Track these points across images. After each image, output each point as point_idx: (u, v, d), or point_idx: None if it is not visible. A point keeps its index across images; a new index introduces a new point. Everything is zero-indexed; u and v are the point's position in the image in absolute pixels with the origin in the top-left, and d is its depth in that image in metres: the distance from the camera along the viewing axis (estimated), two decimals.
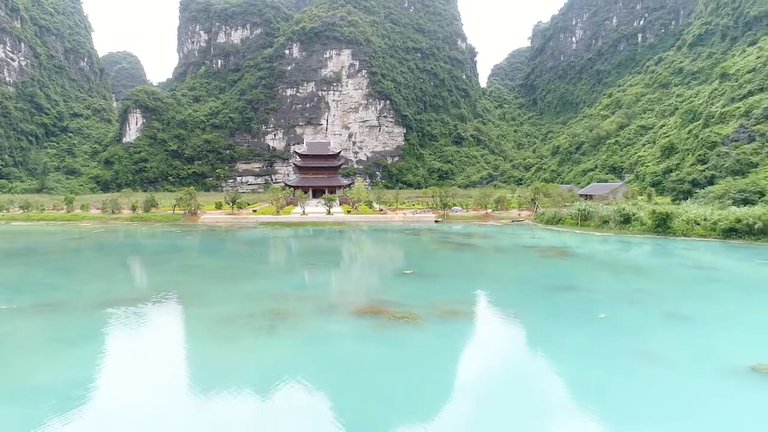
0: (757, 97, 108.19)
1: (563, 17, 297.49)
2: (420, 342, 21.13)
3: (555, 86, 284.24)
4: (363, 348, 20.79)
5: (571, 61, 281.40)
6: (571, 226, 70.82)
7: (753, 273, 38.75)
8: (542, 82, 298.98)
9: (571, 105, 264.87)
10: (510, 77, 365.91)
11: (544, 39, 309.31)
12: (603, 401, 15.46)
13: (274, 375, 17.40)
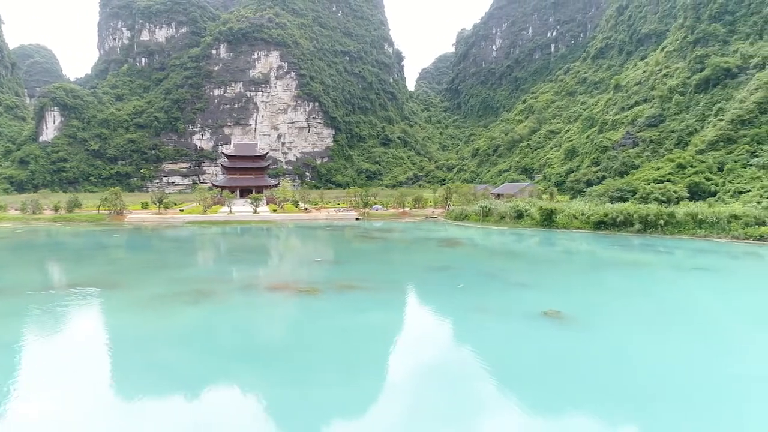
0: (641, 107, 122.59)
1: (484, 26, 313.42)
2: (316, 306, 27.32)
3: (477, 91, 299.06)
4: (270, 311, 26.72)
5: (492, 67, 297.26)
6: (475, 222, 79.32)
7: (601, 254, 47.95)
8: (466, 86, 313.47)
9: (492, 109, 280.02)
10: (437, 81, 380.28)
11: (467, 46, 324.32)
12: (443, 337, 22.32)
13: (195, 331, 22.98)
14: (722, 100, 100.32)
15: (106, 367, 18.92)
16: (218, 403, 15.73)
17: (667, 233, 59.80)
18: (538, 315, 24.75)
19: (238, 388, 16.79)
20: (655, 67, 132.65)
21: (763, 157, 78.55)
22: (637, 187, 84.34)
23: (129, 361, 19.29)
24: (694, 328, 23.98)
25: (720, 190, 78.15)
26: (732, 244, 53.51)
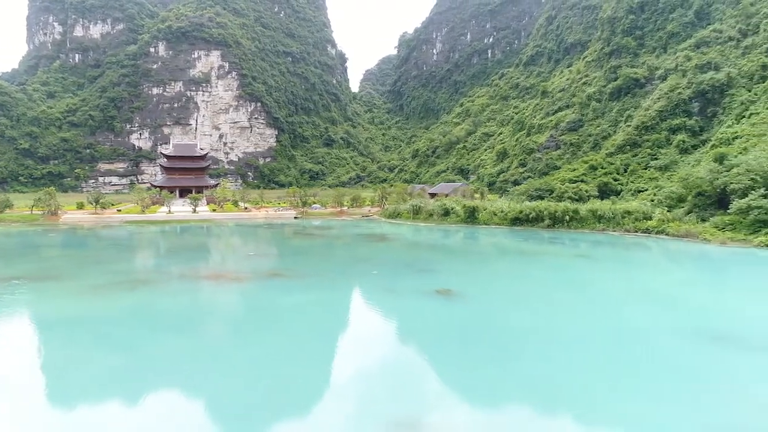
0: (564, 112, 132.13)
1: (425, 30, 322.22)
2: (243, 290, 31.19)
3: (419, 93, 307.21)
4: (200, 296, 30.37)
5: (433, 71, 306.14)
6: (406, 219, 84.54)
7: (507, 245, 53.99)
8: (408, 89, 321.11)
9: (432, 111, 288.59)
10: (380, 82, 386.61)
11: (409, 49, 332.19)
12: (352, 310, 26.74)
13: (133, 310, 26.42)
14: (631, 107, 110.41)
15: (51, 342, 22.18)
16: (152, 368, 19.46)
17: (572, 228, 67.00)
18: (432, 292, 29.66)
19: (168, 354, 20.53)
20: (576, 76, 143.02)
21: (661, 159, 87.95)
22: (554, 186, 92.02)
23: (74, 335, 22.59)
24: (554, 301, 29.54)
25: (624, 189, 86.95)
26: (623, 236, 61.02)
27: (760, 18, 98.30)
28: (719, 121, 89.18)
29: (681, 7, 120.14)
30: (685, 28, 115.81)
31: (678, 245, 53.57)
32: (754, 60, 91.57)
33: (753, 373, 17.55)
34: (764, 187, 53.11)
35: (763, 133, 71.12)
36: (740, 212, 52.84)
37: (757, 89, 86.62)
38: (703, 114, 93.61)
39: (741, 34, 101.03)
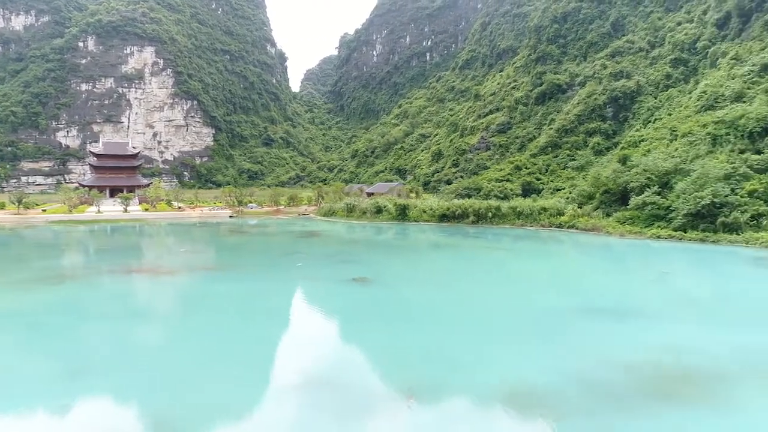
0: (494, 115, 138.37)
1: (366, 32, 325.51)
2: (172, 282, 32.61)
3: (359, 94, 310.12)
4: (129, 287, 31.58)
5: (373, 72, 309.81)
6: (341, 217, 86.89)
7: (430, 239, 57.45)
8: (348, 89, 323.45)
9: (373, 112, 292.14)
10: (322, 82, 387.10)
11: (350, 50, 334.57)
12: (274, 296, 28.79)
13: (59, 301, 27.42)
14: (554, 111, 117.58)
15: None
16: (77, 352, 20.90)
17: (495, 224, 71.51)
18: (350, 280, 32.19)
19: (94, 339, 21.98)
20: (506, 80, 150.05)
21: (577, 160, 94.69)
22: (482, 185, 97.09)
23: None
24: (464, 286, 32.78)
25: (544, 188, 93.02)
26: (539, 231, 65.96)
27: (666, 31, 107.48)
28: (629, 126, 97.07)
29: (599, 19, 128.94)
30: (602, 39, 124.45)
31: (585, 238, 58.72)
32: (660, 70, 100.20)
33: (610, 335, 21.07)
34: (658, 185, 59.18)
35: (663, 137, 78.45)
36: (637, 208, 58.62)
37: (661, 96, 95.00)
38: (616, 118, 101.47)
39: (650, 46, 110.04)
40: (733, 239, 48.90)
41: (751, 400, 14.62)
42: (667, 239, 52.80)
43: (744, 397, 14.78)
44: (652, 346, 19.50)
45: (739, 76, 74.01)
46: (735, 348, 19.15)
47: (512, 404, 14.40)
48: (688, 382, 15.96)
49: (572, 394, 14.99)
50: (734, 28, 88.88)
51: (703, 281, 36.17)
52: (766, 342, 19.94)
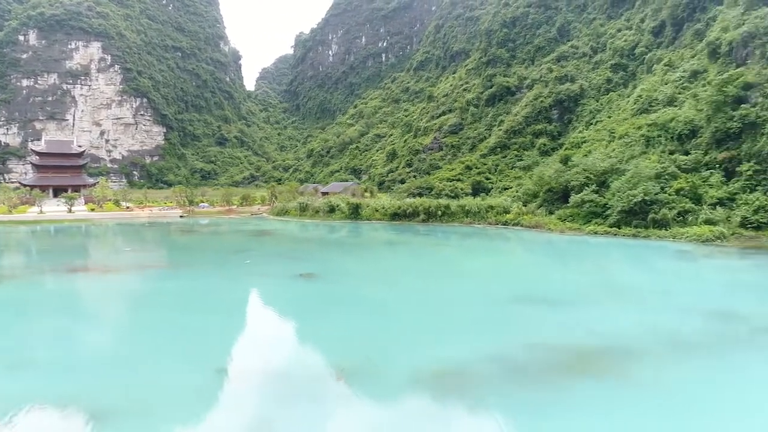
0: (447, 116, 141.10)
1: (321, 31, 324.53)
2: (116, 280, 32.48)
3: (315, 94, 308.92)
4: (71, 285, 31.29)
5: (329, 72, 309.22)
6: (294, 216, 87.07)
7: (383, 237, 58.63)
8: (304, 89, 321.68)
9: (329, 112, 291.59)
10: (277, 81, 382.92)
11: (305, 49, 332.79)
12: (223, 291, 29.17)
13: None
14: (504, 113, 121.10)
15: None
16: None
17: (444, 222, 73.39)
18: (296, 276, 32.91)
19: (33, 335, 21.95)
20: (458, 82, 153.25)
21: (525, 160, 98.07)
22: (434, 185, 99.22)
23: None
24: (407, 279, 34.02)
25: (493, 187, 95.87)
26: (486, 228, 68.21)
27: (607, 38, 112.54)
28: (573, 127, 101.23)
29: (546, 24, 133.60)
30: (549, 43, 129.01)
31: (529, 235, 61.20)
32: (601, 74, 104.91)
33: (537, 321, 22.62)
34: (596, 184, 62.33)
35: (603, 138, 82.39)
36: (577, 205, 61.57)
37: (602, 100, 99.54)
38: (561, 120, 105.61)
39: (592, 51, 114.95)
40: (662, 234, 52.17)
41: (651, 372, 16.31)
42: (603, 235, 55.73)
43: (645, 370, 16.48)
44: (574, 329, 21.18)
45: (671, 82, 78.49)
46: (645, 329, 21.06)
47: (435, 383, 15.59)
48: (600, 359, 17.59)
49: (494, 373, 16.32)
50: (668, 36, 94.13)
51: (629, 272, 38.73)
52: (671, 322, 21.96)
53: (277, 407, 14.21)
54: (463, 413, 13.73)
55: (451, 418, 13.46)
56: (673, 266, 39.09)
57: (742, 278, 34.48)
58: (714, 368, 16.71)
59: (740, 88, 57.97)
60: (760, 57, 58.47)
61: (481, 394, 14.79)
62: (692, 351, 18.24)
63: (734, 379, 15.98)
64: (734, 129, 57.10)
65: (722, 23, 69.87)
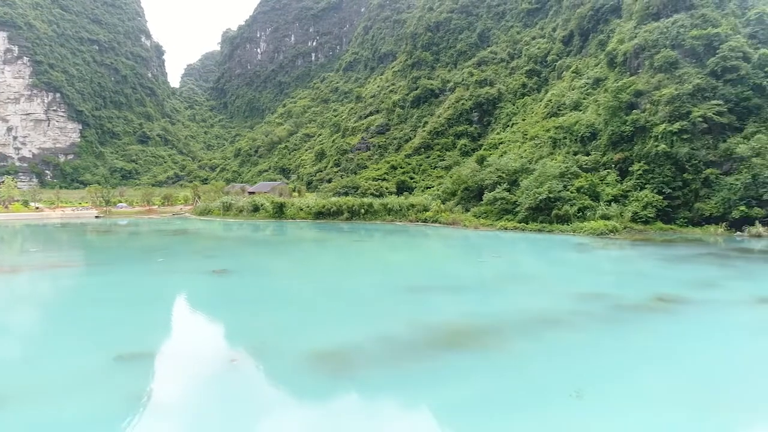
0: (374, 116, 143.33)
1: (249, 28, 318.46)
2: (19, 279, 31.61)
3: (243, 92, 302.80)
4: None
5: (257, 70, 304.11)
6: (217, 216, 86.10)
7: (304, 235, 59.59)
8: (232, 87, 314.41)
9: (258, 111, 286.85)
10: (204, 78, 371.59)
11: (233, 46, 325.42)
12: (137, 285, 29.13)
13: None
14: (428, 114, 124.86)
15: None
16: None
17: (367, 220, 75.31)
18: (209, 272, 33.36)
19: None
20: (385, 84, 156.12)
21: (446, 161, 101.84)
22: (360, 184, 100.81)
23: None
24: (317, 274, 35.26)
25: (417, 186, 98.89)
26: (407, 225, 70.71)
27: (522, 45, 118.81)
28: (492, 129, 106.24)
29: (468, 30, 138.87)
30: (470, 48, 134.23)
31: (446, 231, 64.13)
32: (517, 79, 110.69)
33: (427, 305, 24.54)
34: (507, 182, 66.27)
35: (517, 140, 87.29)
36: (490, 203, 65.22)
37: (518, 103, 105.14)
38: (481, 122, 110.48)
39: (510, 57, 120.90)
40: (564, 229, 56.49)
41: (515, 344, 18.54)
42: (512, 230, 59.54)
43: (508, 344, 18.69)
44: (461, 312, 23.31)
45: (577, 88, 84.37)
46: (522, 310, 23.52)
47: (323, 360, 16.99)
48: (471, 335, 19.68)
49: (379, 350, 17.94)
50: (576, 45, 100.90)
51: (528, 263, 42.01)
52: (548, 304, 24.60)
53: (164, 388, 15.12)
54: (343, 385, 15.20)
55: (331, 389, 14.90)
56: (568, 257, 42.74)
57: (622, 266, 38.44)
58: (566, 339, 19.20)
59: (632, 95, 63.70)
60: (649, 67, 64.44)
61: (362, 367, 16.35)
62: (554, 326, 20.74)
63: (582, 346, 18.50)
64: (627, 132, 62.67)
65: (619, 35, 76.14)
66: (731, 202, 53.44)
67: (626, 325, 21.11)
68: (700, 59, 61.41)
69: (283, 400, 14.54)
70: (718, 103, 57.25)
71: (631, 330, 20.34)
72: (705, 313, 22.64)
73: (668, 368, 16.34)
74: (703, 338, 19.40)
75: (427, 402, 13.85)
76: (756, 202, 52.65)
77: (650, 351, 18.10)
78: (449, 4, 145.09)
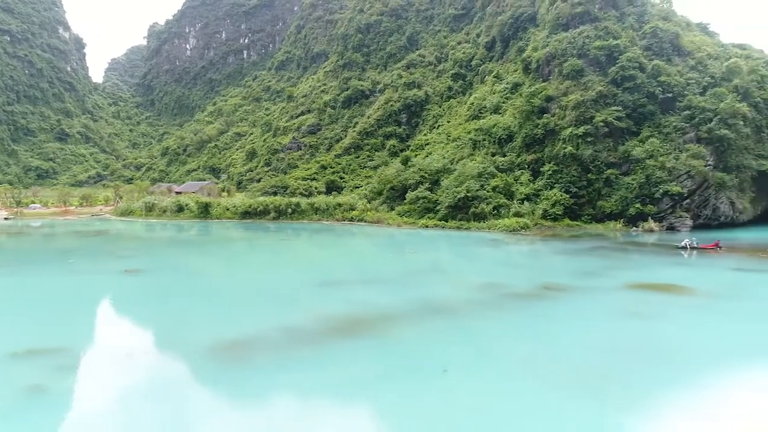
0: (306, 116, 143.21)
1: (177, 23, 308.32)
2: None
3: (172, 89, 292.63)
4: None
5: (186, 66, 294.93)
6: (139, 216, 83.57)
7: (227, 235, 59.45)
8: (159, 83, 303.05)
9: (187, 109, 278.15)
10: (129, 74, 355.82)
11: (160, 41, 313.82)
12: (43, 285, 28.51)
13: None
14: (358, 115, 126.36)
15: None
16: None
17: (294, 219, 75.71)
18: (121, 272, 33.16)
19: None
20: (317, 83, 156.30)
21: (375, 161, 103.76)
22: (289, 183, 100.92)
23: None
24: (233, 272, 35.79)
25: (346, 186, 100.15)
26: (334, 224, 71.79)
27: (449, 49, 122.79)
28: (419, 130, 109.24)
29: (397, 33, 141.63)
30: (399, 51, 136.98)
31: (372, 229, 65.76)
32: (444, 82, 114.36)
33: (330, 298, 25.83)
34: (430, 182, 68.86)
35: (442, 141, 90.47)
36: (413, 202, 67.54)
37: (444, 106, 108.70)
38: (409, 124, 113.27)
39: (437, 60, 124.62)
40: (480, 226, 59.55)
41: (404, 331, 20.21)
42: (433, 228, 62.01)
43: (397, 330, 20.36)
44: (362, 303, 24.86)
45: (497, 92, 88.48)
46: (419, 300, 25.31)
47: (222, 350, 17.95)
48: (368, 324, 21.21)
49: (277, 338, 19.11)
50: (498, 50, 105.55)
51: (438, 258, 44.24)
52: (445, 294, 26.61)
53: (60, 382, 15.60)
54: (239, 370, 16.24)
55: (227, 375, 15.92)
56: (480, 252, 45.42)
57: (524, 260, 41.45)
58: (453, 324, 21.15)
59: (543, 100, 67.95)
60: (558, 74, 68.94)
61: (259, 354, 17.46)
62: (446, 313, 22.70)
63: (464, 330, 20.46)
64: (539, 135, 66.81)
65: (534, 43, 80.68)
66: (628, 200, 58.35)
67: (510, 311, 23.36)
68: (602, 68, 66.45)
69: (180, 387, 15.38)
70: (617, 109, 62.27)
71: (512, 315, 22.60)
72: (579, 299, 25.33)
73: (532, 346, 18.53)
74: (570, 320, 21.87)
75: (313, 381, 15.16)
76: (649, 200, 57.84)
77: (522, 332, 20.33)
78: (379, 7, 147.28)
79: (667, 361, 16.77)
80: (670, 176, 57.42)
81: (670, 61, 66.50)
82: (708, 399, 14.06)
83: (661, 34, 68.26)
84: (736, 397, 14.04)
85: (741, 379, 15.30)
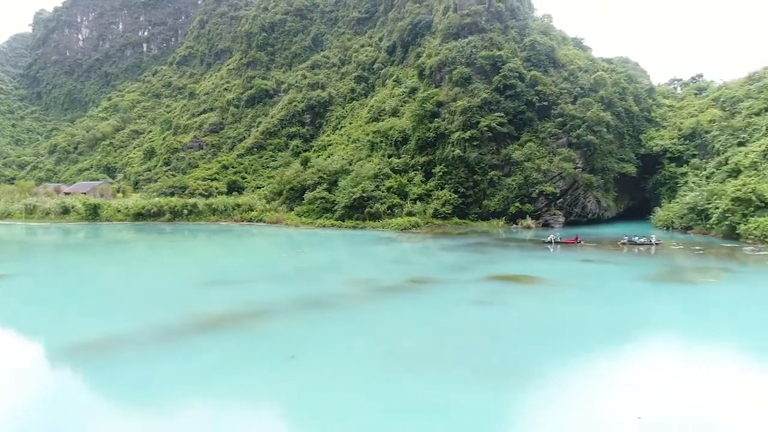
0: (208, 114, 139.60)
1: (68, 11, 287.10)
2: None
3: (62, 82, 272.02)
4: None
5: (78, 58, 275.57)
6: (18, 219, 78.13)
7: (112, 237, 57.41)
8: (47, 75, 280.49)
9: (80, 103, 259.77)
10: (12, 63, 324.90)
11: (48, 30, 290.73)
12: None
13: None
14: (262, 114, 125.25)
15: None
16: None
17: (191, 220, 74.44)
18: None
19: None
20: (220, 81, 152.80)
21: (278, 161, 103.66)
22: (188, 184, 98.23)
23: None
24: (105, 274, 35.21)
25: (248, 186, 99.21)
26: (232, 225, 71.39)
27: (352, 51, 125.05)
28: (323, 131, 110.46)
29: (302, 33, 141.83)
30: (304, 51, 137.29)
31: (271, 230, 66.21)
32: (347, 84, 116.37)
33: (208, 297, 26.52)
34: (328, 183, 70.43)
35: (343, 142, 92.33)
36: (311, 202, 68.87)
37: (347, 107, 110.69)
38: (313, 124, 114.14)
39: (341, 62, 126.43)
40: (375, 225, 62.06)
41: (262, 325, 21.46)
42: (330, 227, 63.71)
43: (259, 324, 21.56)
44: (236, 300, 25.68)
45: (396, 96, 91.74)
46: (293, 297, 26.64)
47: (79, 348, 18.29)
48: (233, 319, 22.20)
49: (140, 336, 19.59)
50: (399, 55, 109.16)
51: (327, 256, 45.92)
52: (319, 290, 28.20)
53: None
54: (92, 367, 16.77)
55: (81, 371, 16.43)
56: (368, 250, 47.57)
57: (405, 255, 44.08)
58: (313, 316, 22.77)
59: (435, 105, 71.76)
60: (449, 81, 73.10)
61: (117, 351, 18.03)
62: (312, 307, 24.29)
63: (321, 321, 22.15)
64: (431, 138, 70.51)
65: (428, 50, 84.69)
66: (509, 200, 63.36)
67: (373, 302, 25.41)
68: (488, 76, 71.36)
69: (29, 386, 15.67)
70: (500, 115, 67.25)
71: (373, 306, 24.65)
72: (440, 290, 27.90)
73: (383, 333, 20.60)
74: (425, 309, 24.22)
75: (166, 372, 16.06)
76: (527, 199, 63.15)
77: (377, 321, 22.38)
78: (284, 6, 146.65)
79: (498, 340, 19.38)
80: (545, 177, 63.07)
81: (546, 72, 72.74)
82: (517, 373, 16.60)
83: (539, 47, 74.42)
84: (542, 371, 16.76)
85: (552, 354, 18.16)
